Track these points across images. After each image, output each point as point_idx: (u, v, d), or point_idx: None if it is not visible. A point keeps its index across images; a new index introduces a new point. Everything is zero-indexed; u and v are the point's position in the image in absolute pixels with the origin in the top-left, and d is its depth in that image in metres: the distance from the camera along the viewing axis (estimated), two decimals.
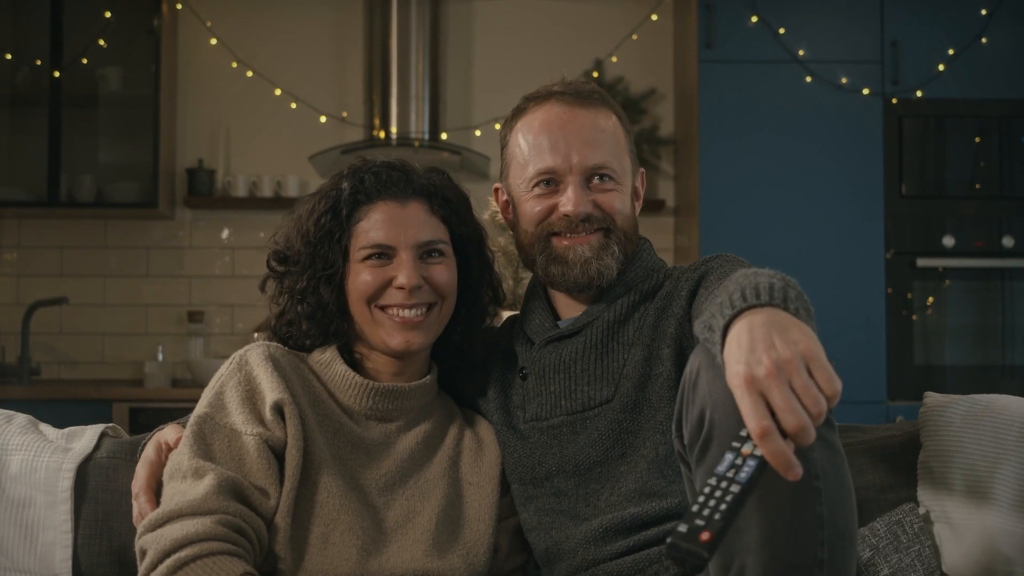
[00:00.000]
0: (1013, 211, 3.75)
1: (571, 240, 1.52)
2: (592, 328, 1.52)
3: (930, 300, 3.77)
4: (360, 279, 1.49)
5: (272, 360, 1.45)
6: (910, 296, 3.74)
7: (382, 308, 1.49)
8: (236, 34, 4.24)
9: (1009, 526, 1.51)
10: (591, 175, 1.52)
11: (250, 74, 4.24)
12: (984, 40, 3.76)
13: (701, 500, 0.95)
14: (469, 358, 1.65)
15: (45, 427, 1.69)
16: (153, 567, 1.27)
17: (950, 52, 3.76)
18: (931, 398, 1.68)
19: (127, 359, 4.18)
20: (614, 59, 4.28)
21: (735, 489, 0.96)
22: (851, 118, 3.76)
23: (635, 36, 4.29)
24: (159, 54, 3.99)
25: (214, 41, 4.22)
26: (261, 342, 1.52)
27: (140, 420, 3.51)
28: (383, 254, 1.49)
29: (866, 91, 3.77)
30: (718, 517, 0.94)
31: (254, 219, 4.20)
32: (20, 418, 1.68)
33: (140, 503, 1.44)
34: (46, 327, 4.12)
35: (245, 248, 4.22)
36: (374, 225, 1.49)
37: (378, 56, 4.08)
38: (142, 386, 3.86)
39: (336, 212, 1.50)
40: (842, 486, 1.15)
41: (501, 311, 1.70)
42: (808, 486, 1.11)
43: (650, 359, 1.46)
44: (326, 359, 1.52)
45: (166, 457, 1.45)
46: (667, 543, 0.94)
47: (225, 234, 4.24)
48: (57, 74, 3.93)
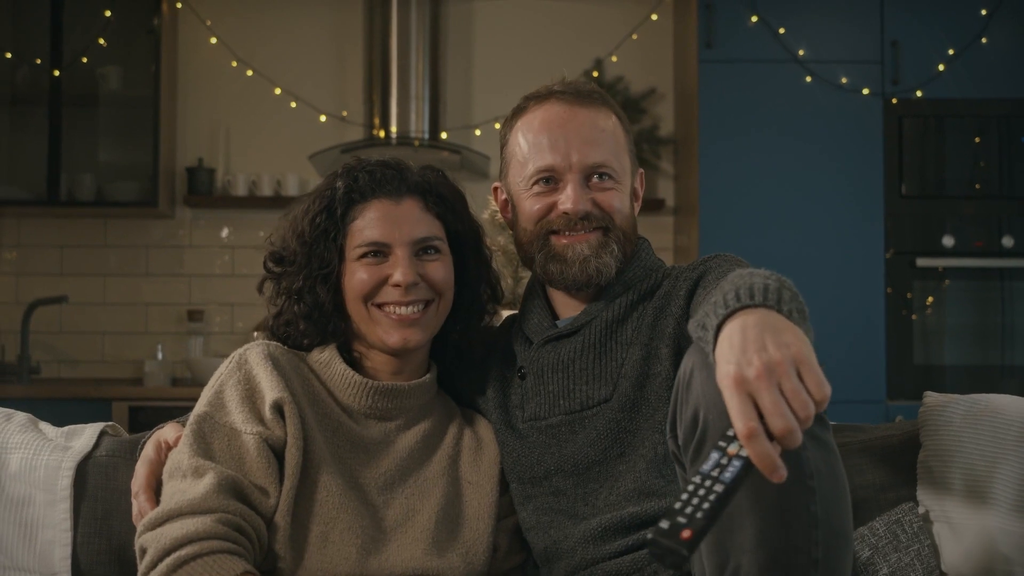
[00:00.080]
0: (1013, 211, 3.74)
1: (570, 238, 1.52)
2: (590, 327, 1.52)
3: (930, 300, 3.76)
4: (356, 277, 1.49)
5: (271, 359, 1.45)
6: (910, 296, 3.74)
7: (379, 306, 1.49)
8: (236, 33, 4.24)
9: (1008, 526, 1.51)
10: (590, 174, 1.52)
11: (250, 73, 4.23)
12: (984, 40, 3.76)
13: (684, 498, 0.96)
14: (468, 357, 1.65)
15: (45, 426, 1.69)
16: (153, 565, 1.27)
17: (950, 52, 3.76)
18: (931, 398, 1.68)
19: (127, 358, 4.18)
20: (614, 59, 4.28)
21: (719, 488, 0.96)
22: (851, 118, 3.76)
23: (635, 36, 4.29)
24: (159, 53, 3.99)
25: (214, 40, 4.22)
26: (260, 341, 1.52)
27: (140, 419, 3.51)
28: (378, 252, 1.49)
29: (866, 91, 3.76)
30: (700, 516, 0.94)
31: (254, 218, 4.20)
32: (20, 416, 1.68)
33: (140, 502, 1.44)
34: (46, 326, 4.12)
35: (245, 247, 4.22)
36: (369, 223, 1.49)
37: (378, 55, 4.08)
38: (142, 385, 3.85)
39: (331, 211, 1.50)
40: (836, 485, 1.15)
41: (500, 310, 1.69)
42: (802, 485, 1.11)
43: (648, 358, 1.46)
44: (325, 358, 1.52)
45: (166, 456, 1.45)
46: (648, 539, 0.94)
47: (225, 233, 4.24)
48: (57, 73, 3.93)
